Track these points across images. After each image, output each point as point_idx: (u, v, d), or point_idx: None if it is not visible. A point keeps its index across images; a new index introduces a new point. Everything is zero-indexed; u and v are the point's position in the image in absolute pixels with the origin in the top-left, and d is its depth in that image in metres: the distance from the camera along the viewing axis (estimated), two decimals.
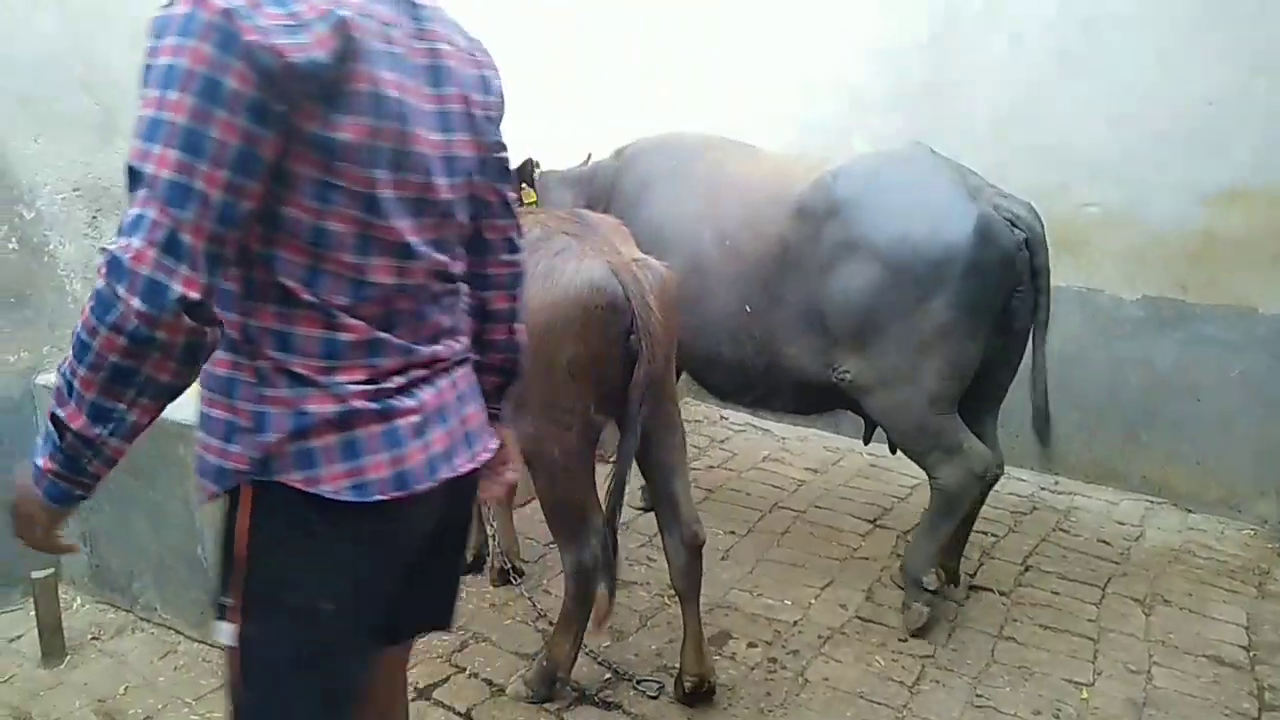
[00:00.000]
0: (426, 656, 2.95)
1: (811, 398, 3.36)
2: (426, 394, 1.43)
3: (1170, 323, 4.15)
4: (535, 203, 3.56)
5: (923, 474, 3.39)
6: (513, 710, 2.70)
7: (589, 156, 3.94)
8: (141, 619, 3.15)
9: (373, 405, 1.34)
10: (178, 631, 3.06)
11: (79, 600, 3.25)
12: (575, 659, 2.73)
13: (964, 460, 3.04)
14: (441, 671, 2.89)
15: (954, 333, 2.93)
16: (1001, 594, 3.42)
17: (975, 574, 3.56)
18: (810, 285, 3.10)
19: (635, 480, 4.17)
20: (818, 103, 4.81)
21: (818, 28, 4.78)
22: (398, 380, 1.38)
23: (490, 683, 2.83)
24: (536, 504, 3.99)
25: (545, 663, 2.72)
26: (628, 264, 2.40)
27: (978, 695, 2.82)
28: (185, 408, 2.97)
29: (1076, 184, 4.23)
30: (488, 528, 3.52)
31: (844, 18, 4.70)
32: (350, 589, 1.41)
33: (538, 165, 3.71)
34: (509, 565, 3.34)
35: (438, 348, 1.47)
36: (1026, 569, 3.62)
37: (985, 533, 3.89)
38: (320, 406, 1.31)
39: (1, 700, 2.73)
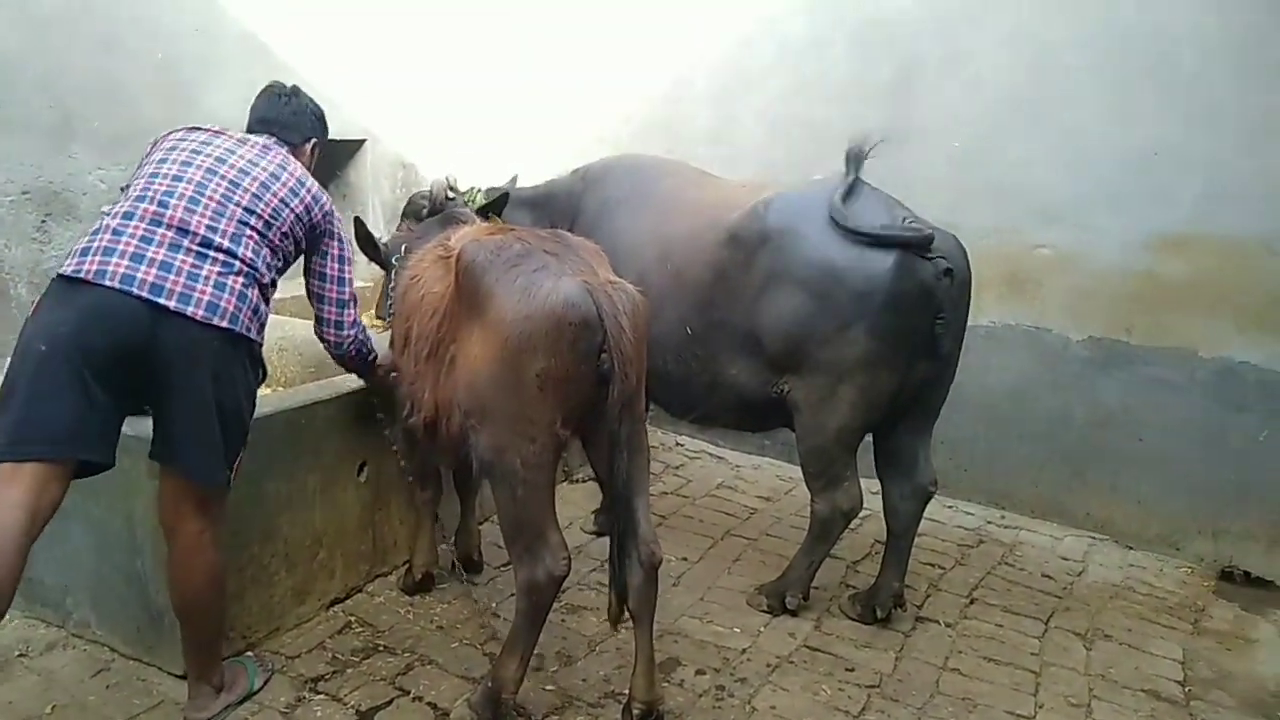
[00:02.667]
0: (370, 679, 2.90)
1: (754, 415, 3.46)
2: None
3: (1115, 363, 4.26)
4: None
5: (873, 506, 3.46)
6: None
7: (515, 177, 3.98)
8: (74, 635, 3.05)
9: None
10: (112, 649, 2.97)
11: (6, 616, 3.13)
12: (522, 680, 2.69)
13: (838, 495, 3.24)
14: (385, 694, 2.83)
15: (872, 362, 3.05)
16: (947, 625, 3.46)
17: (922, 605, 3.60)
18: (745, 309, 3.21)
19: (588, 504, 4.17)
20: (780, 140, 4.90)
21: (782, 69, 4.87)
22: None
23: (435, 706, 2.78)
24: (490, 526, 3.98)
25: (490, 684, 2.68)
26: (603, 285, 2.45)
27: None
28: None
29: (1028, 226, 4.35)
30: (443, 543, 3.51)
31: (808, 59, 4.79)
32: None
33: (463, 189, 3.76)
34: (425, 573, 3.41)
35: None
36: (972, 601, 3.67)
37: (932, 565, 3.95)
38: None
39: None
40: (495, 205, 3.74)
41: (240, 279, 2.43)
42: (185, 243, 2.37)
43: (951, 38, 4.41)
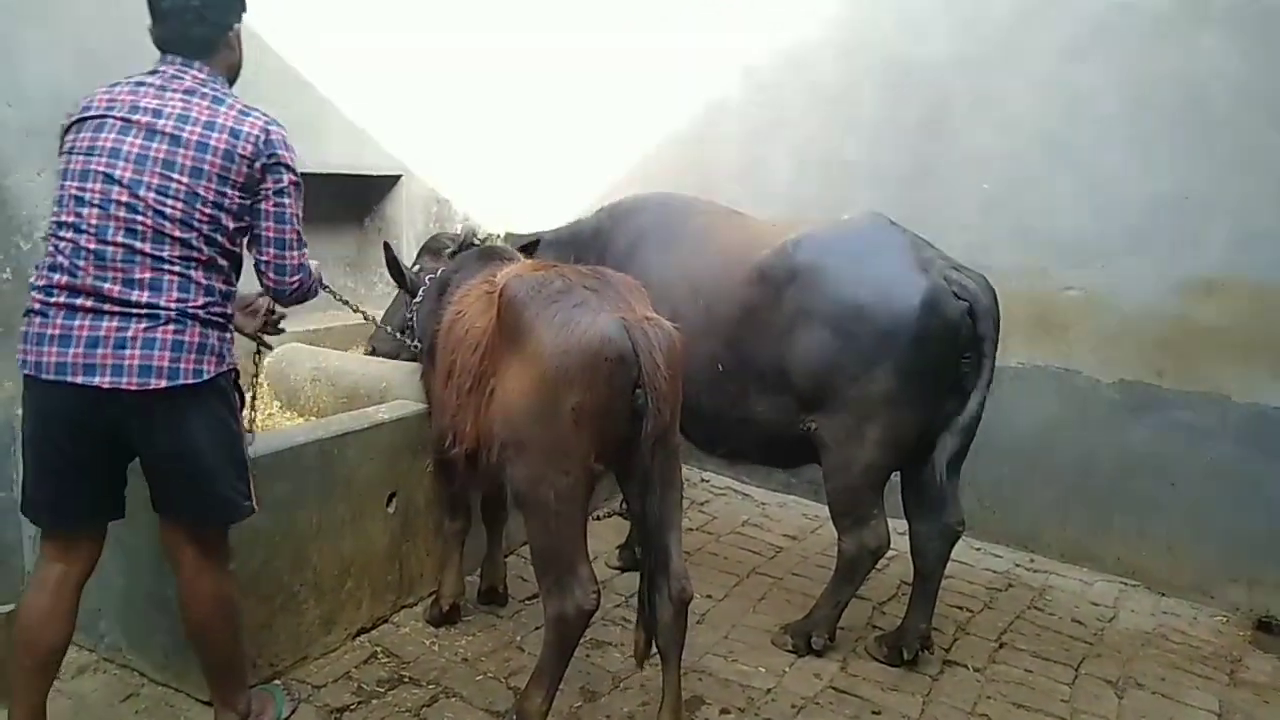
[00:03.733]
0: (394, 710, 2.90)
1: (781, 451, 3.48)
2: None
3: (1145, 406, 4.22)
4: None
5: (900, 546, 3.43)
6: None
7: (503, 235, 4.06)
8: (105, 659, 3.08)
9: None
10: (142, 674, 3.00)
11: None
12: (547, 715, 2.68)
13: (865, 534, 3.23)
14: None
15: (897, 400, 3.07)
16: (976, 670, 3.42)
17: (950, 649, 3.55)
18: (773, 346, 3.24)
19: (613, 538, 4.17)
20: (809, 179, 4.94)
21: (812, 108, 4.93)
22: None
23: None
24: (514, 559, 3.99)
25: (515, 717, 2.68)
26: (640, 321, 2.49)
27: None
28: None
29: (1058, 267, 4.34)
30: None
31: (838, 98, 4.85)
32: None
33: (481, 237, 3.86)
34: (452, 605, 3.43)
35: None
36: (1001, 646, 3.63)
37: (960, 608, 3.90)
38: None
39: None
40: (528, 250, 3.82)
41: (170, 326, 2.25)
42: (105, 307, 2.22)
43: (982, 80, 4.45)
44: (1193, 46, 3.97)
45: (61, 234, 2.27)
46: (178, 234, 2.27)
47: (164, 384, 2.23)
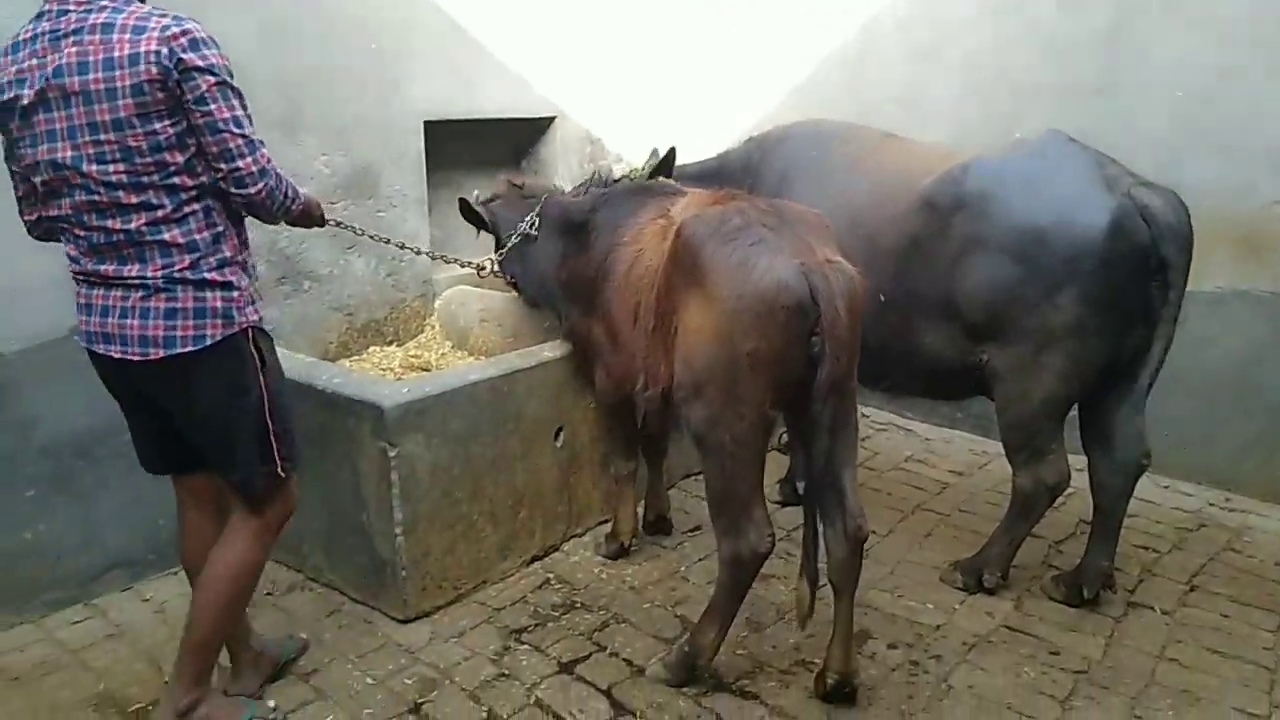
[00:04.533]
0: (569, 633, 3.05)
1: (949, 384, 3.36)
2: None
3: None
4: None
5: (1078, 483, 3.26)
6: (651, 691, 2.76)
7: (654, 151, 3.96)
8: (310, 579, 3.39)
9: None
10: (341, 592, 3.28)
11: None
12: (718, 649, 2.76)
13: (1043, 469, 3.09)
14: (583, 648, 2.97)
15: (1082, 329, 2.90)
16: (1164, 613, 3.23)
17: (1134, 590, 3.37)
18: (941, 277, 3.11)
19: (773, 473, 4.16)
20: (976, 99, 4.65)
21: (980, 20, 4.61)
22: None
23: (630, 663, 2.90)
24: (676, 492, 4.08)
25: (688, 648, 2.76)
26: (820, 264, 2.40)
27: (1136, 716, 2.68)
28: (352, 385, 3.19)
29: (1265, 181, 3.92)
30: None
31: (1011, 8, 4.51)
32: None
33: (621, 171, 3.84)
34: (626, 542, 3.52)
35: None
36: (1192, 588, 3.41)
37: (1146, 548, 3.69)
38: None
39: None
40: (663, 168, 3.78)
41: (162, 295, 2.18)
42: (110, 282, 2.21)
43: None
44: None
45: (58, 224, 2.24)
46: (134, 199, 2.13)
47: (161, 354, 2.19)
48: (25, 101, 2.12)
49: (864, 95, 4.97)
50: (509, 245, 3.58)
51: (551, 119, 4.93)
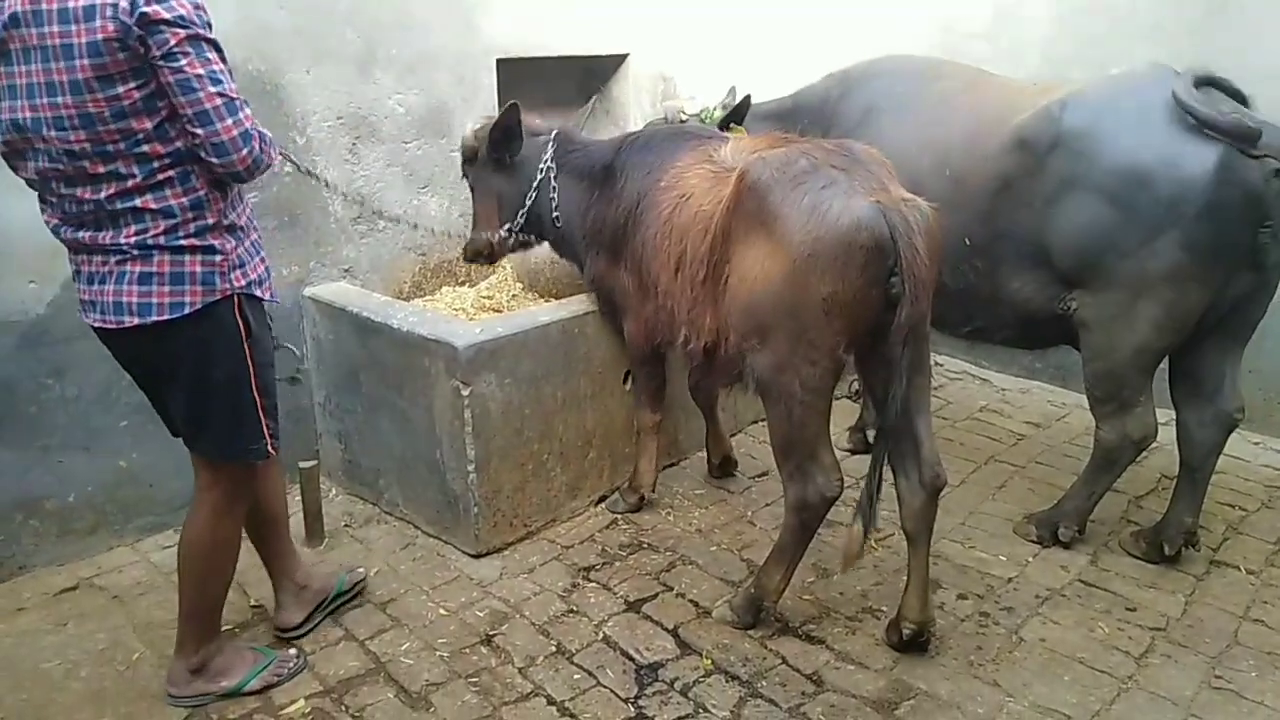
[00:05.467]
0: (636, 573, 3.09)
1: (1034, 332, 3.26)
2: None
3: None
4: None
5: (1161, 437, 3.14)
6: (717, 632, 2.79)
7: (732, 90, 3.82)
8: (385, 513, 3.49)
9: None
10: (416, 526, 3.37)
11: (334, 491, 3.64)
12: (784, 591, 2.76)
13: (1129, 422, 2.99)
14: (650, 588, 3.02)
15: (1181, 277, 2.76)
16: (1250, 573, 3.12)
17: (1218, 548, 3.27)
18: (1033, 219, 2.99)
19: (842, 421, 4.12)
20: (1071, 32, 4.40)
21: None
22: None
23: (696, 604, 2.93)
24: (743, 437, 4.07)
25: (753, 590, 2.77)
26: (896, 204, 2.32)
27: (1216, 676, 2.61)
28: (427, 324, 3.23)
29: None
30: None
31: None
32: None
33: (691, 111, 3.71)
34: (643, 495, 3.46)
35: None
36: None
37: (1233, 505, 3.56)
38: None
39: None
40: (737, 114, 3.65)
41: (137, 262, 2.07)
42: (88, 249, 2.12)
43: None
44: None
45: (33, 188, 2.14)
46: (101, 169, 1.99)
47: (135, 321, 2.09)
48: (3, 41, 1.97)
49: (949, 29, 4.76)
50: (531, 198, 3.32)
51: (624, 56, 4.84)
